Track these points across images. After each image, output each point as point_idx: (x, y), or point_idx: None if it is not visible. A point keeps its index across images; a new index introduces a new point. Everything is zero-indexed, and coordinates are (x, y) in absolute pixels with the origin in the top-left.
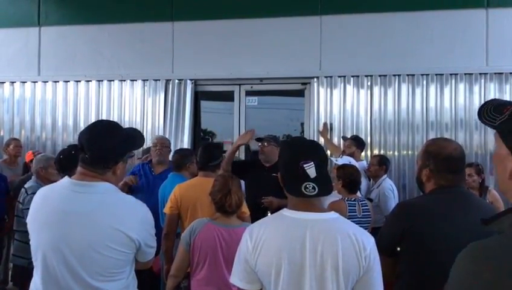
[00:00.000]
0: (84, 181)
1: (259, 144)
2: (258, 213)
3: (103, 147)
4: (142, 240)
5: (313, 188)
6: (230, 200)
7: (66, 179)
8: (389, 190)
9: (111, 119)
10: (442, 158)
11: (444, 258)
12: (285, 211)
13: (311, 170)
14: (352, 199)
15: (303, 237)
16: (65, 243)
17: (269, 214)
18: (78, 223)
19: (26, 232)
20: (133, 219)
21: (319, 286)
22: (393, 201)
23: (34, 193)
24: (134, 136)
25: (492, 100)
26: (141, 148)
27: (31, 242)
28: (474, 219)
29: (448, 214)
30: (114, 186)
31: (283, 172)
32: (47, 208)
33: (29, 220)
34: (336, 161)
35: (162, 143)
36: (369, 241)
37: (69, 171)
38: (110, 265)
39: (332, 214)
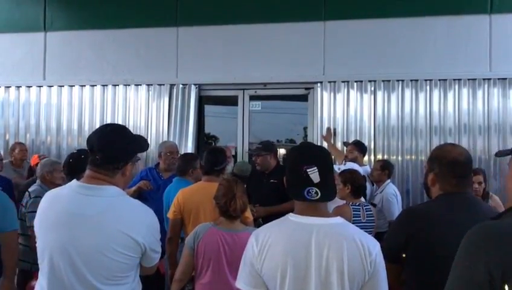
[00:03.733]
0: (92, 184)
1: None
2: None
3: (114, 146)
4: (148, 244)
5: (316, 192)
6: (235, 205)
7: (74, 181)
8: (392, 195)
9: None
10: (447, 162)
11: (449, 265)
12: (291, 216)
13: (314, 174)
14: (357, 204)
15: (308, 241)
16: (72, 245)
17: (261, 221)
18: (85, 226)
19: (28, 236)
20: (140, 223)
21: None
22: (396, 206)
23: (37, 197)
24: (140, 139)
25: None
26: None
27: (37, 244)
28: None
29: (453, 220)
30: (121, 190)
31: (288, 176)
32: (54, 210)
33: (36, 222)
34: (339, 169)
35: (177, 151)
36: (374, 247)
37: (78, 175)
38: (116, 269)
39: (338, 219)
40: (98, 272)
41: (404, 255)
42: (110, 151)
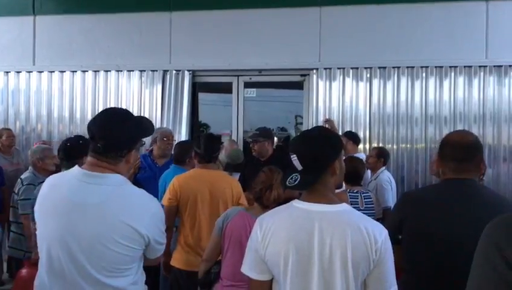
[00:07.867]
0: (95, 172)
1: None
2: None
3: (117, 134)
4: (151, 236)
5: (295, 180)
6: (269, 195)
7: (76, 168)
8: (386, 182)
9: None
10: (446, 143)
11: (436, 249)
12: (295, 202)
13: (295, 162)
14: (355, 191)
15: (311, 228)
16: (71, 235)
17: None
18: (86, 215)
19: (21, 224)
20: (143, 214)
21: (328, 278)
22: (390, 193)
23: (29, 184)
24: (145, 123)
25: None
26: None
27: (37, 232)
28: (475, 214)
29: (443, 206)
30: (125, 178)
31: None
32: (55, 197)
33: (36, 209)
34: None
35: (172, 137)
36: (381, 234)
37: (73, 161)
38: (118, 261)
39: (344, 206)
40: (99, 264)
41: (400, 237)
42: (113, 138)
